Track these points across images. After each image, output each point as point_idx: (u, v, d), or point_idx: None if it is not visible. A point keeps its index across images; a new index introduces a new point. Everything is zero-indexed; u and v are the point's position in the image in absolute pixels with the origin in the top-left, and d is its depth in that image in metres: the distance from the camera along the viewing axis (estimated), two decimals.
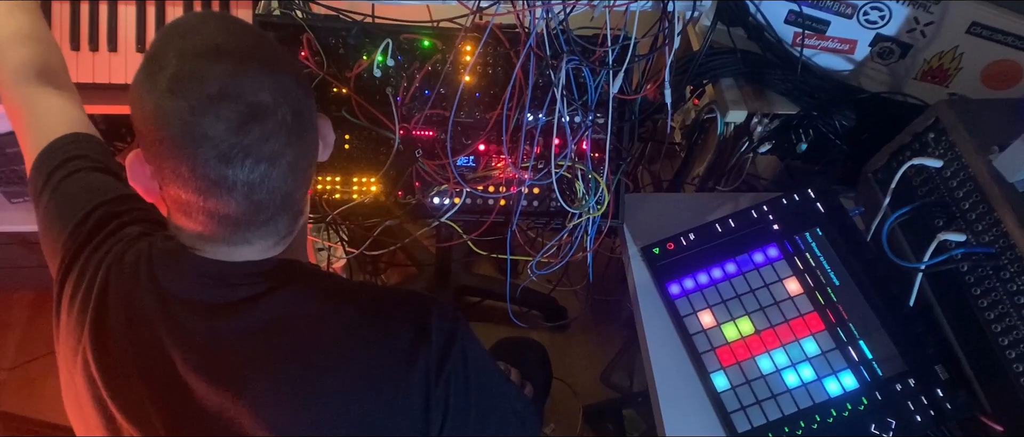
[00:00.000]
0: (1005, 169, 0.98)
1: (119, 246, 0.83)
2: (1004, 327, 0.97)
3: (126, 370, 0.78)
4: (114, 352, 0.78)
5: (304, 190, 0.81)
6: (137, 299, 0.79)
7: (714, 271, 1.16)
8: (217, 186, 0.70)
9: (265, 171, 0.71)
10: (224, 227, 0.75)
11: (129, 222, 0.87)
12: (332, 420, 0.76)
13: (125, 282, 0.80)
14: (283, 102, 0.71)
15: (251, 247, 0.78)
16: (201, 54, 0.69)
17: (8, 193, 1.46)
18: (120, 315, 0.79)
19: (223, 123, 0.68)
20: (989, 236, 1.00)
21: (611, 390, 1.97)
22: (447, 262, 1.98)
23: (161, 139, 0.70)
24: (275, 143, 0.71)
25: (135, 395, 0.78)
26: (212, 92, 0.67)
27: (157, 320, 0.77)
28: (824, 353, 1.08)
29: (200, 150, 0.68)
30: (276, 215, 0.77)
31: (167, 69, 0.69)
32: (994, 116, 1.05)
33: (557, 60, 1.02)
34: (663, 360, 1.10)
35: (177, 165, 0.70)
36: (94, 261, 0.83)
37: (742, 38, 1.28)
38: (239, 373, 0.76)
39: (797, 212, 1.20)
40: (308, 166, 0.79)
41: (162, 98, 0.68)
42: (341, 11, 1.14)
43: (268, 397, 0.76)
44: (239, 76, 0.69)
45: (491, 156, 1.15)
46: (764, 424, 1.03)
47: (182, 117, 0.67)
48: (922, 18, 1.20)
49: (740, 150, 1.36)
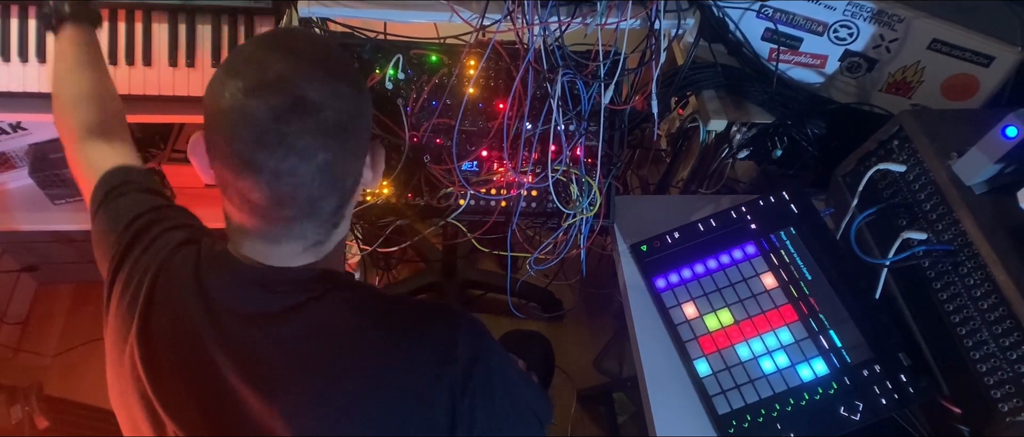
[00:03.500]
0: (963, 173, 0.98)
1: (165, 251, 0.82)
2: (962, 318, 0.97)
3: (170, 369, 0.76)
4: (159, 351, 0.77)
5: (336, 201, 0.75)
6: (183, 301, 0.77)
7: (697, 266, 1.16)
8: (247, 167, 0.68)
9: (293, 165, 0.68)
10: (253, 216, 0.73)
11: (171, 227, 0.86)
12: (362, 431, 0.74)
13: (173, 285, 0.79)
14: (330, 106, 0.69)
15: (280, 248, 0.76)
16: (275, 48, 0.70)
17: (51, 195, 1.46)
18: (166, 315, 0.78)
19: (268, 108, 0.66)
20: (948, 235, 1.00)
21: (603, 375, 1.97)
22: (453, 258, 1.98)
23: (214, 112, 0.69)
24: (310, 140, 0.68)
25: (178, 393, 0.76)
26: (268, 79, 0.67)
27: (201, 323, 0.76)
28: (797, 341, 1.08)
29: (241, 128, 0.67)
30: (300, 217, 0.73)
31: (241, 56, 0.70)
32: (953, 125, 1.05)
33: (553, 74, 1.02)
34: (650, 348, 1.10)
35: (220, 139, 0.69)
36: (142, 263, 0.82)
37: (723, 54, 1.28)
38: (276, 380, 0.74)
39: (773, 213, 1.20)
40: (343, 176, 0.74)
41: (227, 77, 0.68)
42: (356, 29, 1.14)
43: (301, 406, 0.74)
44: (298, 73, 0.68)
45: (493, 161, 1.15)
46: (743, 406, 1.03)
47: (235, 95, 0.67)
48: (887, 35, 1.20)
49: (721, 156, 1.36)
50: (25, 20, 1.16)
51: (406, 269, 2.15)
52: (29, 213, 1.47)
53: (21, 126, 1.40)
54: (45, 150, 1.44)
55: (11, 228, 1.48)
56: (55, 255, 2.03)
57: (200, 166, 0.77)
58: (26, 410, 1.47)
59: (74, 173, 0.99)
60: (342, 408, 0.74)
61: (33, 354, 2.01)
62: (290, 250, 0.76)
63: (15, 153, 1.46)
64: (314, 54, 0.71)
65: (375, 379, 0.75)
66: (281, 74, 0.67)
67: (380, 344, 0.76)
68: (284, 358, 0.75)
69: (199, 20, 1.19)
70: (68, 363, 1.99)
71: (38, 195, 1.46)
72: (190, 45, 1.19)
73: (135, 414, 0.80)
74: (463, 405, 0.76)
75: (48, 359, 2.00)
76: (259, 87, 0.67)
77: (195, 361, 0.76)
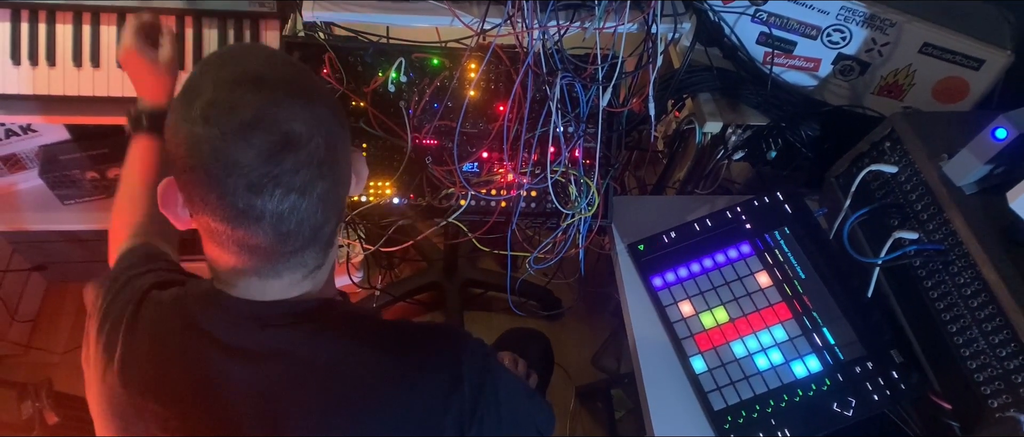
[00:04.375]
0: (953, 174, 0.98)
1: (143, 289, 0.78)
2: (952, 316, 0.97)
3: (154, 401, 0.72)
4: (141, 385, 0.73)
5: (334, 223, 0.72)
6: (169, 337, 0.73)
7: (693, 265, 1.16)
8: (245, 216, 0.63)
9: (295, 202, 0.64)
10: (253, 258, 0.68)
11: (148, 271, 0.82)
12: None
13: (157, 321, 0.75)
14: (317, 134, 0.64)
15: (281, 281, 0.71)
16: (238, 82, 0.63)
17: (60, 196, 1.46)
18: (149, 350, 0.74)
19: (254, 151, 0.61)
20: (939, 234, 1.00)
21: (601, 372, 1.97)
22: (454, 258, 1.98)
23: (192, 166, 0.63)
24: (306, 174, 0.64)
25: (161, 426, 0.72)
26: (245, 120, 0.61)
27: (193, 359, 0.72)
28: (791, 339, 1.08)
29: (229, 178, 0.61)
30: (305, 247, 0.69)
31: (203, 96, 0.62)
32: (943, 127, 1.05)
33: (552, 77, 1.02)
34: (647, 345, 1.10)
35: (206, 193, 0.63)
36: (119, 302, 0.78)
37: (718, 57, 1.28)
38: (278, 417, 0.70)
39: (767, 213, 1.20)
40: (339, 198, 0.71)
41: (195, 125, 0.61)
42: (359, 33, 1.14)
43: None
44: (274, 105, 0.62)
45: (493, 162, 1.15)
46: (738, 402, 1.03)
47: (213, 144, 0.61)
48: (879, 39, 1.20)
49: (716, 157, 1.36)
50: (35, 24, 1.16)
51: (408, 268, 2.15)
52: (39, 213, 1.47)
53: (31, 128, 1.40)
54: (55, 152, 1.44)
55: (21, 228, 1.48)
56: (64, 254, 2.02)
57: (177, 218, 0.71)
58: (36, 406, 1.47)
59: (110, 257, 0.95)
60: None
61: (43, 351, 2.01)
62: (289, 281, 0.72)
63: (25, 154, 1.46)
64: (281, 79, 0.65)
65: (383, 410, 0.72)
66: (256, 111, 0.61)
67: (384, 376, 0.73)
68: (286, 394, 0.71)
69: (206, 24, 1.19)
70: (77, 360, 1.91)
71: (48, 196, 1.46)
72: (197, 49, 1.19)
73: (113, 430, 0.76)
74: (471, 432, 0.74)
75: (57, 356, 2.00)
76: (239, 130, 0.61)
77: (186, 392, 0.72)
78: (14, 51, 1.16)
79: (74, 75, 1.17)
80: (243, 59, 0.67)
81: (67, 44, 1.17)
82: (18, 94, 1.17)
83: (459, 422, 0.74)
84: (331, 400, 0.71)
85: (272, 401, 0.71)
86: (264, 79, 0.64)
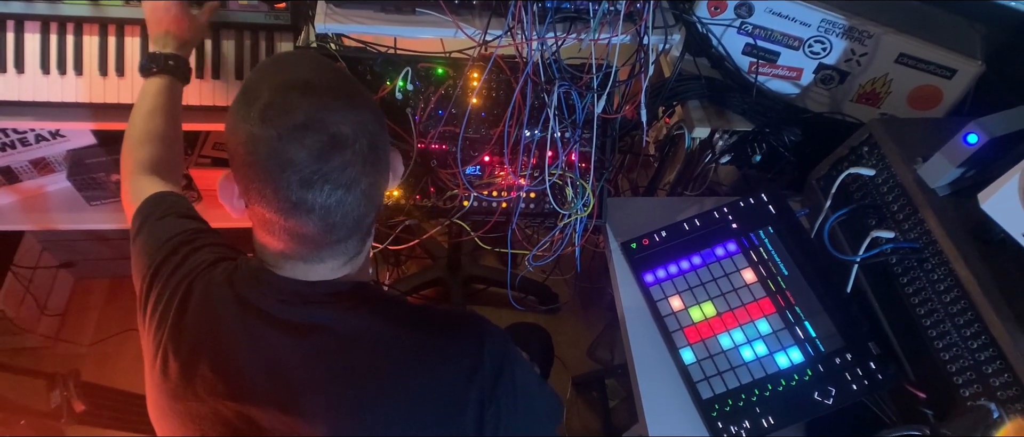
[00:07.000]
0: (928, 177, 0.98)
1: (201, 267, 0.81)
2: (927, 310, 0.97)
3: (203, 369, 0.75)
4: (191, 353, 0.75)
5: (374, 214, 0.76)
6: (220, 308, 0.76)
7: (682, 262, 1.16)
8: (297, 208, 0.67)
9: (342, 196, 0.68)
10: (301, 245, 0.72)
11: (204, 246, 0.85)
12: (395, 431, 0.73)
13: (209, 295, 0.77)
14: (361, 135, 0.68)
15: (324, 265, 0.75)
16: (292, 88, 0.67)
17: (87, 197, 1.46)
18: (200, 322, 0.77)
19: (306, 151, 0.65)
20: (914, 233, 1.00)
21: (595, 363, 1.97)
22: (457, 255, 1.98)
23: (251, 163, 0.67)
24: (352, 171, 0.68)
25: (208, 393, 0.75)
26: (298, 122, 0.65)
27: (238, 328, 0.74)
28: (775, 332, 1.08)
29: (284, 174, 0.65)
30: (348, 236, 0.73)
31: (260, 99, 0.66)
32: (918, 133, 1.05)
33: (550, 85, 1.02)
34: (639, 338, 1.10)
35: (263, 186, 0.67)
36: (175, 278, 0.81)
37: (706, 67, 1.28)
38: (306, 388, 0.73)
39: (752, 213, 1.20)
40: (379, 192, 0.75)
41: (254, 125, 0.66)
42: (368, 44, 1.14)
43: (331, 412, 0.73)
44: (324, 109, 0.66)
45: (494, 166, 1.15)
46: (724, 391, 1.03)
47: (271, 143, 0.65)
48: (858, 50, 1.20)
49: (704, 161, 1.36)
50: (63, 36, 1.16)
51: (414, 265, 2.15)
52: (67, 213, 1.47)
53: (60, 134, 1.40)
54: (82, 155, 1.44)
55: (51, 227, 1.48)
56: (91, 252, 2.03)
57: (232, 207, 0.75)
58: (65, 395, 1.47)
59: (123, 199, 0.98)
60: (372, 415, 0.73)
61: (71, 343, 2.01)
62: (332, 266, 0.75)
63: (54, 158, 1.46)
64: (329, 85, 0.69)
65: (407, 388, 0.74)
66: (308, 115, 0.65)
67: (413, 352, 0.75)
68: (320, 365, 0.73)
69: (224, 35, 1.19)
70: (103, 352, 1.99)
71: (75, 197, 1.46)
72: (216, 59, 1.19)
73: (169, 421, 0.78)
74: (490, 412, 0.76)
75: (84, 348, 2.01)
76: (292, 132, 0.65)
77: (228, 363, 0.74)
78: (44, 61, 1.16)
79: (100, 83, 1.17)
80: (296, 65, 0.72)
81: (94, 55, 1.17)
82: (48, 101, 1.17)
83: (480, 401, 0.75)
84: (369, 368, 0.74)
85: (317, 369, 0.73)
86: (311, 84, 0.68)
